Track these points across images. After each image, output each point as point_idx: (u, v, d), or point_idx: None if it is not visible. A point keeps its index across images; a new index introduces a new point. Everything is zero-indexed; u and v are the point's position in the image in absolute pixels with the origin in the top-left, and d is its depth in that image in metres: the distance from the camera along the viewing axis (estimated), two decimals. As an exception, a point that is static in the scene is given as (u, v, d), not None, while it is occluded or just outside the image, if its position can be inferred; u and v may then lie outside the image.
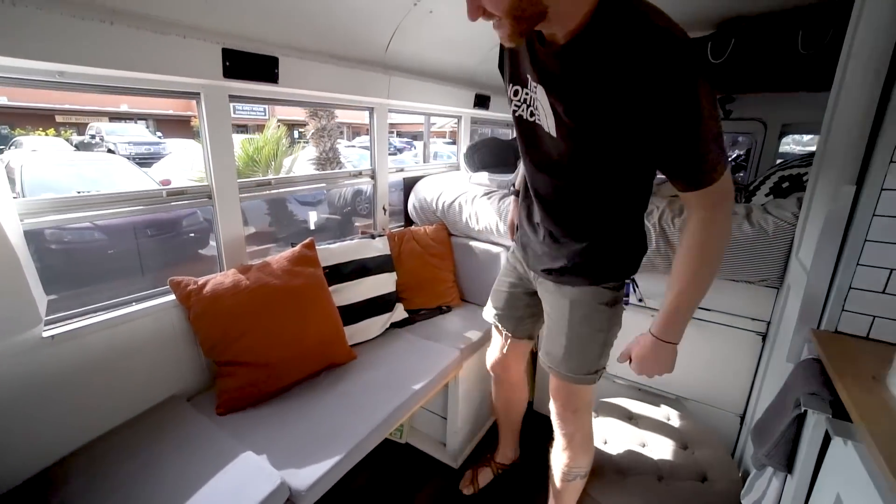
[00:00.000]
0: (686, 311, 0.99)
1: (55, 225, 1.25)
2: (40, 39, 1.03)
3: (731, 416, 1.75)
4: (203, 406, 1.44)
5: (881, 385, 0.85)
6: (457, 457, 1.96)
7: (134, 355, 1.35)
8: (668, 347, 1.03)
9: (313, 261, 1.67)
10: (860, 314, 1.05)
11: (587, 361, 1.22)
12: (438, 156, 8.46)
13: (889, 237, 0.98)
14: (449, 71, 2.43)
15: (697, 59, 0.75)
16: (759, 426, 1.09)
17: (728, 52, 2.26)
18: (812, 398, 0.88)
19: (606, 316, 1.18)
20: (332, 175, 2.09)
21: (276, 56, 1.53)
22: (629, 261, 1.17)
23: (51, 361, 1.18)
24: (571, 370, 1.23)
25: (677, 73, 0.75)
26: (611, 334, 1.22)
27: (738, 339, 1.67)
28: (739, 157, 3.15)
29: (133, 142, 11.36)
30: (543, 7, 0.78)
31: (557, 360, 1.25)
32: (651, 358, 1.05)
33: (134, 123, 13.56)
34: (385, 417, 1.40)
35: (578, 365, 1.22)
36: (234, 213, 1.59)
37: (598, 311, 1.17)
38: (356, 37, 1.83)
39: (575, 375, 1.23)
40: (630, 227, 1.13)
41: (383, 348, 1.82)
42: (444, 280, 2.20)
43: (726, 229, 0.95)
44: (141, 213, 1.40)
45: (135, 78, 1.28)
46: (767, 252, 1.51)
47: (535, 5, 0.77)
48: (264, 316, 1.45)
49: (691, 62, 0.75)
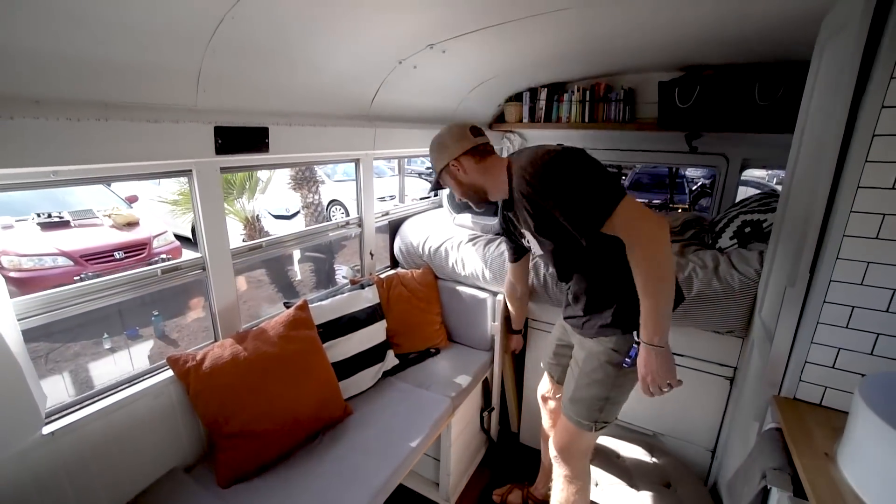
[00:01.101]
0: (657, 316, 1.16)
1: (50, 319, 1.24)
2: (37, 147, 1.03)
3: (703, 450, 1.90)
4: (202, 478, 1.46)
5: (833, 463, 0.97)
6: (450, 497, 2.04)
7: (133, 436, 1.36)
8: (662, 351, 1.18)
9: (307, 322, 1.70)
10: (814, 384, 1.18)
11: (587, 409, 1.39)
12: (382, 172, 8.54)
13: (838, 321, 1.11)
14: (431, 114, 2.49)
15: (550, 160, 1.17)
16: (731, 486, 1.21)
17: (693, 99, 2.42)
18: (776, 475, 1.00)
19: (610, 374, 1.34)
20: (322, 228, 2.12)
21: (267, 126, 1.55)
22: (626, 314, 1.30)
23: (51, 457, 1.17)
24: (574, 412, 1.42)
25: (534, 179, 1.19)
26: (614, 393, 1.36)
27: (708, 382, 1.81)
28: (705, 186, 3.34)
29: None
30: (484, 192, 1.41)
31: (566, 400, 1.46)
32: (655, 364, 1.19)
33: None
34: (383, 483, 1.45)
35: (579, 409, 1.41)
36: (227, 281, 1.61)
37: (603, 367, 1.36)
38: (343, 96, 1.87)
39: (575, 417, 1.42)
40: (618, 285, 1.29)
41: (377, 401, 1.87)
42: (432, 322, 2.27)
43: (651, 242, 1.12)
44: (138, 293, 1.40)
45: (128, 167, 1.28)
46: (734, 307, 1.65)
47: (478, 192, 1.41)
48: (263, 387, 1.48)
49: (544, 164, 1.17)
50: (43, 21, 0.94)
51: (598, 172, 1.17)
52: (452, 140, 1.38)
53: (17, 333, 1.06)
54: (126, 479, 1.35)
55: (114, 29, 1.05)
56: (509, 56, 2.22)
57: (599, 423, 1.39)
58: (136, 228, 5.20)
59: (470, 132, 1.38)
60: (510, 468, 2.26)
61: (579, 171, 1.16)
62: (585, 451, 1.50)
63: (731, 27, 1.81)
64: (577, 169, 1.17)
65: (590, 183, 1.15)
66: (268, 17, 1.24)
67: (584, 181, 1.15)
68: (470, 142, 1.37)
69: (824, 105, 1.20)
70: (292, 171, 5.55)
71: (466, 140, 1.37)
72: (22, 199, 5.09)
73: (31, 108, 1.01)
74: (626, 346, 1.31)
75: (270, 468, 1.49)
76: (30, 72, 1.00)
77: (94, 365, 3.79)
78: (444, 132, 1.41)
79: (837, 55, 1.16)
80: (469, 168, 1.37)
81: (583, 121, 2.86)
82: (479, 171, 1.37)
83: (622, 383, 1.36)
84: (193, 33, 1.18)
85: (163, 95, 1.26)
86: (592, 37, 2.02)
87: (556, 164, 1.18)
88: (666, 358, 1.19)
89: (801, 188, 1.31)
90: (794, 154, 1.42)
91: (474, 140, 1.37)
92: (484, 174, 1.37)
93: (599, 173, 1.17)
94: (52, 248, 4.39)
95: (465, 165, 1.37)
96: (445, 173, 1.42)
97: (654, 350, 1.18)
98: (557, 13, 1.58)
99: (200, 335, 4.43)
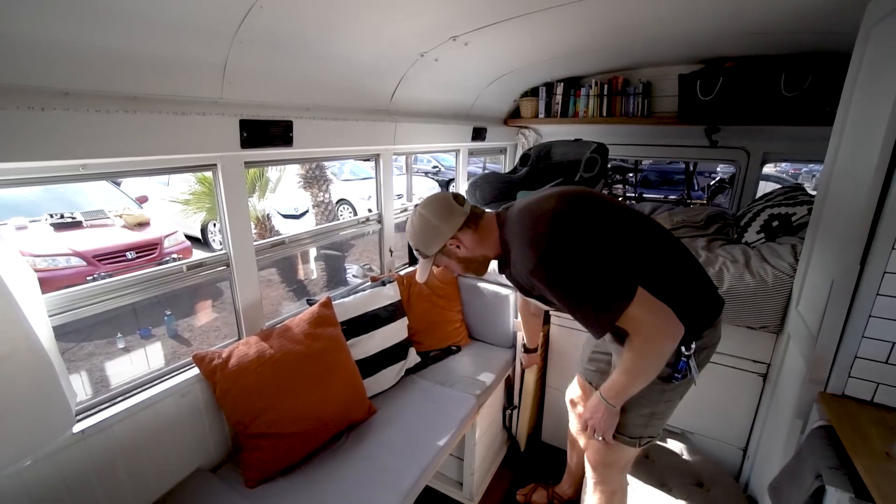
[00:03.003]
0: (624, 390, 1.18)
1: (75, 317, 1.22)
2: (67, 140, 1.01)
3: (735, 449, 1.85)
4: (229, 478, 1.44)
5: (895, 463, 0.93)
6: (473, 496, 2.00)
7: (160, 435, 1.34)
8: (613, 410, 1.24)
9: (331, 320, 1.67)
10: (865, 380, 1.14)
11: (632, 426, 1.30)
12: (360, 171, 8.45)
13: (893, 314, 1.07)
14: (448, 109, 2.46)
15: (552, 247, 1.08)
16: (776, 486, 1.17)
17: (716, 91, 2.37)
18: (834, 475, 0.96)
19: (658, 390, 1.24)
20: (341, 225, 2.09)
21: (291, 119, 1.53)
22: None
23: (81, 456, 1.16)
24: (618, 429, 1.30)
25: (537, 270, 1.10)
26: (661, 408, 1.27)
27: (740, 379, 1.77)
28: (723, 181, 3.29)
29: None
30: (486, 260, 1.28)
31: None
32: (600, 416, 1.25)
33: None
34: (412, 484, 1.42)
35: (623, 426, 1.30)
36: (251, 277, 1.58)
37: (652, 383, 1.18)
38: (365, 90, 1.84)
39: (618, 433, 1.31)
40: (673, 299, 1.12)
41: (400, 399, 1.84)
42: (453, 320, 2.24)
43: (645, 353, 1.10)
44: (162, 290, 1.38)
45: (155, 160, 1.26)
46: (767, 302, 1.60)
47: (481, 262, 1.27)
48: (289, 386, 1.45)
49: (546, 254, 1.08)
50: (74, 15, 0.92)
51: (606, 259, 1.08)
52: (442, 219, 1.20)
53: (49, 330, 1.04)
54: (153, 478, 1.33)
55: (143, 22, 1.03)
56: (527, 50, 2.19)
57: (644, 440, 1.31)
58: (147, 228, 5.19)
59: (455, 202, 1.23)
60: (533, 467, 2.23)
61: (586, 265, 1.06)
62: (625, 465, 1.42)
63: (756, 17, 1.76)
64: (584, 261, 1.07)
65: (597, 280, 1.06)
66: (294, 7, 1.21)
67: (591, 279, 1.06)
68: (462, 213, 1.21)
69: (871, 92, 1.16)
70: (302, 170, 5.53)
71: (457, 213, 1.21)
72: (32, 200, 5.11)
73: (61, 100, 0.99)
74: (675, 359, 1.19)
75: (296, 468, 1.46)
76: (60, 64, 0.98)
77: (110, 364, 3.78)
78: (426, 213, 1.22)
79: (887, 40, 1.12)
80: (468, 241, 1.23)
81: (600, 115, 2.81)
82: (476, 241, 1.23)
83: (671, 398, 1.27)
84: (221, 25, 1.16)
85: (190, 88, 1.24)
86: (611, 29, 1.99)
87: (560, 254, 1.07)
88: (613, 416, 1.25)
89: (844, 179, 1.27)
90: (835, 144, 1.37)
91: (464, 210, 1.22)
92: (482, 242, 1.24)
93: (607, 261, 1.08)
94: (66, 249, 4.39)
95: (464, 240, 1.22)
96: (442, 255, 1.26)
97: (607, 406, 1.23)
98: (577, 4, 1.54)
99: (212, 334, 4.42)
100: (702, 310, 1.20)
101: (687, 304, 1.13)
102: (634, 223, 1.19)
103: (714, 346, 1.27)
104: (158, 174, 1.34)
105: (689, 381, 1.23)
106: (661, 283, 1.11)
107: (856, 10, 1.32)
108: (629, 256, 1.12)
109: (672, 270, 1.18)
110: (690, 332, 1.13)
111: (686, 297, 1.15)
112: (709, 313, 1.22)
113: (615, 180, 5.90)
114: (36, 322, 0.98)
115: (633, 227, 1.18)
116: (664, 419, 1.31)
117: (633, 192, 6.25)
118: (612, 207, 1.20)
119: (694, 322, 1.15)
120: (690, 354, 1.17)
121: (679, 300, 1.11)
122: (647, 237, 1.19)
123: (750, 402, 1.78)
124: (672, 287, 1.13)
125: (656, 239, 1.20)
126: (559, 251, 1.08)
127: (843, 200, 1.24)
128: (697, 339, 1.19)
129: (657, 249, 1.18)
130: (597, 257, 1.08)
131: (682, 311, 1.09)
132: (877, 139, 1.04)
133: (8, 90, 0.92)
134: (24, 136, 0.94)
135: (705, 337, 1.21)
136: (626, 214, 1.20)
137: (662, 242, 1.21)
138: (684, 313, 1.09)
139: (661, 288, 1.10)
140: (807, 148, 2.57)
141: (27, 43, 0.91)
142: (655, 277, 1.11)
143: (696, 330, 1.18)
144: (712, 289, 1.26)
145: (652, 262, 1.14)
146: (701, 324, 1.19)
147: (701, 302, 1.21)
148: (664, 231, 1.24)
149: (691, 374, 1.20)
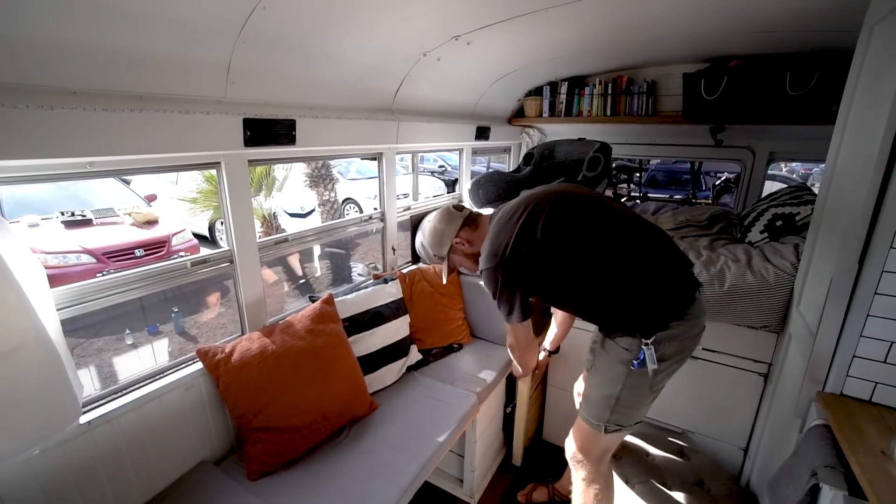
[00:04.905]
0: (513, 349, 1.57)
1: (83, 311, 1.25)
2: (75, 138, 1.04)
3: (735, 448, 1.85)
4: (232, 470, 1.46)
5: (890, 461, 0.93)
6: (474, 493, 2.02)
7: (165, 428, 1.37)
8: (533, 346, 1.57)
9: (333, 316, 1.69)
10: (863, 380, 1.13)
11: (597, 408, 1.37)
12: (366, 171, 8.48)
13: (891, 313, 1.07)
14: (452, 109, 2.47)
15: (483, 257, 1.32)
16: (773, 483, 1.17)
17: (721, 90, 2.36)
18: (829, 473, 0.96)
19: (619, 373, 1.31)
20: (344, 223, 2.11)
21: (294, 118, 1.55)
22: (634, 320, 1.27)
23: (88, 447, 1.19)
24: (586, 410, 1.42)
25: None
26: (624, 393, 1.31)
27: (741, 378, 1.76)
28: (729, 180, 3.27)
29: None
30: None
31: (581, 399, 1.48)
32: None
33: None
34: (412, 479, 1.44)
35: (590, 408, 1.40)
36: (254, 274, 1.61)
37: (612, 366, 1.33)
38: (368, 90, 1.86)
39: (586, 415, 1.41)
40: (618, 302, 1.28)
41: (401, 395, 1.86)
42: (455, 318, 2.25)
43: (510, 349, 1.57)
44: (167, 285, 1.41)
45: (160, 158, 1.29)
46: (769, 301, 1.60)
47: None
48: (291, 381, 1.47)
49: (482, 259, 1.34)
50: (80, 14, 0.95)
51: (516, 290, 1.32)
52: (444, 224, 1.50)
53: (57, 323, 1.07)
54: (157, 469, 1.36)
55: (149, 23, 1.05)
56: (531, 49, 2.19)
57: (611, 425, 1.35)
58: (156, 226, 5.26)
59: (454, 209, 1.52)
60: (533, 466, 2.23)
61: (500, 289, 1.32)
62: (600, 454, 1.45)
63: (761, 15, 1.76)
64: (499, 286, 1.31)
65: (506, 301, 1.34)
66: (296, 7, 1.23)
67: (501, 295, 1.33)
68: (460, 216, 1.51)
69: (873, 90, 1.16)
70: (308, 168, 5.56)
71: (456, 217, 1.51)
72: (44, 198, 5.20)
73: (69, 100, 1.02)
74: (635, 347, 1.27)
75: (298, 462, 1.48)
76: (69, 64, 1.01)
77: (119, 360, 3.84)
78: (433, 222, 1.53)
79: (888, 38, 1.11)
80: (470, 237, 1.49)
81: (604, 114, 2.81)
82: (478, 238, 1.47)
83: (633, 384, 1.30)
84: (225, 25, 1.18)
85: (194, 87, 1.27)
86: (615, 28, 1.99)
87: (487, 269, 1.32)
88: (532, 352, 1.60)
89: (845, 178, 1.26)
90: (837, 143, 1.37)
91: (462, 214, 1.51)
92: (482, 238, 1.44)
93: (515, 291, 1.32)
94: (76, 246, 4.46)
95: (467, 238, 1.49)
96: (453, 254, 1.52)
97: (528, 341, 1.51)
98: (580, 3, 1.55)
99: (218, 332, 4.47)
100: (665, 303, 1.25)
101: (643, 299, 1.24)
102: (594, 227, 1.25)
103: (691, 338, 1.30)
104: (163, 172, 1.37)
105: (646, 370, 1.25)
106: (606, 282, 1.24)
107: (859, 8, 1.31)
108: (554, 271, 1.26)
109: (628, 269, 1.24)
110: (652, 323, 1.24)
111: (643, 293, 1.24)
112: (676, 306, 1.26)
113: (621, 180, 5.87)
114: (44, 315, 1.01)
115: (588, 232, 1.25)
116: (632, 408, 1.34)
117: (639, 191, 6.22)
118: (574, 213, 1.28)
119: (654, 315, 1.24)
120: (649, 344, 1.23)
121: (631, 297, 1.24)
122: (606, 239, 1.24)
123: (751, 402, 1.77)
124: (622, 285, 1.24)
125: (618, 238, 1.25)
126: (486, 265, 1.31)
127: (843, 199, 1.24)
128: (663, 329, 1.24)
129: (613, 249, 1.24)
130: (509, 286, 1.30)
131: (637, 306, 1.24)
132: (876, 137, 1.04)
133: (18, 90, 0.94)
134: (33, 135, 0.97)
135: (672, 328, 1.25)
136: (588, 218, 1.27)
137: (625, 241, 1.25)
138: (640, 307, 1.24)
139: (607, 286, 1.24)
140: (813, 147, 2.54)
141: (37, 45, 0.94)
142: (601, 277, 1.24)
143: (660, 321, 1.24)
144: (684, 282, 1.29)
145: (599, 264, 1.23)
146: (664, 316, 1.25)
147: (665, 296, 1.25)
148: (635, 228, 1.29)
149: (647, 364, 1.24)
